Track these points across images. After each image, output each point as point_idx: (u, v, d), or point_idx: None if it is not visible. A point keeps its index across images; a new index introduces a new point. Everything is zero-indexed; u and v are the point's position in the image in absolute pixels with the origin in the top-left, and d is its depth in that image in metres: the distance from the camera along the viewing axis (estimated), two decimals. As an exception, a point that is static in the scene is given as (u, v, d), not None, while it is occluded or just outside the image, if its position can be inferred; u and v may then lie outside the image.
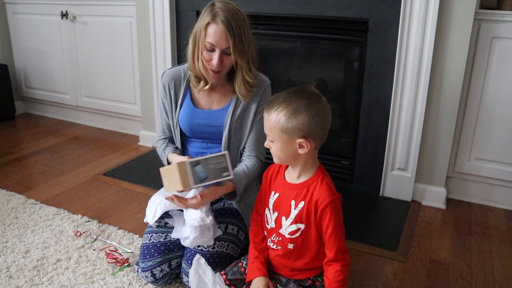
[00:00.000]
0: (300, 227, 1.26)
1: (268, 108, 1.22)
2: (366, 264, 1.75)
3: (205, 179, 1.39)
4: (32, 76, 3.58)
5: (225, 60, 1.50)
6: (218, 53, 1.47)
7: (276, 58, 2.69)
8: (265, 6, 2.34)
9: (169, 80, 1.66)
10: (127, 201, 2.22)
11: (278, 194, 1.32)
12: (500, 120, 2.12)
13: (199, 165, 1.37)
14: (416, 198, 2.29)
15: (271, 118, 1.20)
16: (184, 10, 2.59)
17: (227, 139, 1.62)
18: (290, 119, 1.17)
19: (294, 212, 1.26)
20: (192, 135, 1.67)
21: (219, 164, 1.41)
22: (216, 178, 1.40)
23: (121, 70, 3.10)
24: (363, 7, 2.13)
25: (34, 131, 3.29)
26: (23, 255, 1.72)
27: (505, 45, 2.02)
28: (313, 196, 1.24)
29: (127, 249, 1.78)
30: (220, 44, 1.46)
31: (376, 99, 2.23)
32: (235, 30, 1.46)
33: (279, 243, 1.31)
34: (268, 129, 1.23)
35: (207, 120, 1.63)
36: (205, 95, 1.65)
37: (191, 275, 1.43)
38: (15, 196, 2.21)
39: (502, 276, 1.70)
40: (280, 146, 1.22)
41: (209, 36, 1.46)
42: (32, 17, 3.39)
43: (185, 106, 1.65)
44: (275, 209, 1.32)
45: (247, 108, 1.62)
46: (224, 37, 1.45)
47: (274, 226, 1.32)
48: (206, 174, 1.39)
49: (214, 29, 1.45)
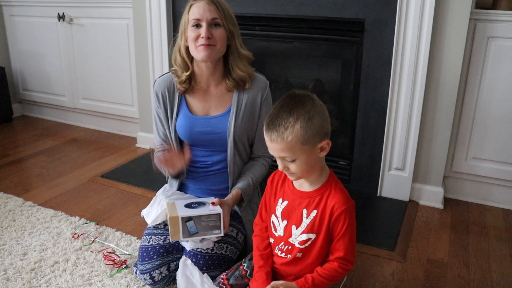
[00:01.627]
0: (311, 237, 1.23)
1: (275, 130, 1.13)
2: (364, 264, 1.75)
3: (195, 234, 1.42)
4: (30, 78, 3.58)
5: (214, 32, 1.48)
6: (205, 25, 1.46)
7: (272, 59, 2.69)
8: (262, 7, 2.34)
9: (162, 89, 1.62)
10: (125, 203, 2.22)
11: (287, 202, 1.27)
12: (496, 119, 2.12)
13: (191, 221, 1.40)
14: (413, 198, 2.29)
15: (287, 138, 1.11)
16: (180, 12, 2.57)
17: (233, 146, 1.59)
18: (308, 127, 1.12)
19: (306, 221, 1.22)
20: (192, 142, 1.62)
21: (211, 222, 1.43)
22: (206, 234, 1.43)
23: (118, 72, 3.10)
24: (359, 8, 2.13)
25: (32, 133, 3.29)
26: (20, 258, 1.72)
27: (501, 44, 2.03)
28: (327, 203, 1.20)
29: (125, 251, 1.78)
30: (205, 16, 1.46)
31: (373, 99, 2.23)
32: (221, 3, 1.48)
33: (288, 252, 1.27)
34: (286, 150, 1.13)
35: (207, 127, 1.59)
36: (201, 100, 1.61)
37: (178, 277, 1.44)
38: (13, 199, 2.20)
39: (499, 275, 1.70)
40: (305, 159, 1.15)
41: (193, 14, 1.48)
42: (29, 19, 3.39)
43: (182, 114, 1.61)
44: (284, 217, 1.27)
45: (249, 106, 1.59)
46: (207, 9, 1.46)
47: (283, 234, 1.28)
48: (197, 230, 1.42)
49: (197, 6, 1.47)
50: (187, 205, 1.47)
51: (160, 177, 2.42)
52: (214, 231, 1.43)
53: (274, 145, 1.14)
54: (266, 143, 1.17)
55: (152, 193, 2.03)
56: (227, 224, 1.48)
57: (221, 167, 1.64)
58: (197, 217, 1.41)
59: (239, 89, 1.59)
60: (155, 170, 1.60)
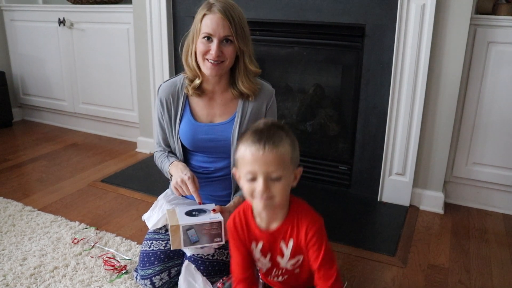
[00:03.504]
0: (299, 258, 1.21)
1: (268, 140, 1.06)
2: (364, 270, 1.75)
3: (196, 242, 1.41)
4: (30, 83, 3.58)
5: (225, 49, 1.44)
6: (216, 41, 1.42)
7: (273, 64, 2.69)
8: (262, 12, 2.35)
9: (166, 95, 1.59)
10: (125, 207, 2.22)
11: (261, 243, 1.22)
12: (497, 125, 2.12)
13: (192, 229, 1.39)
14: (414, 203, 2.29)
15: (280, 150, 1.06)
16: (181, 17, 2.60)
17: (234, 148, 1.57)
18: (294, 147, 1.09)
19: (287, 252, 1.20)
20: (195, 149, 1.62)
21: (212, 230, 1.41)
22: (207, 242, 1.42)
23: (119, 77, 3.10)
24: (360, 13, 2.14)
25: (32, 138, 3.29)
26: (20, 263, 1.71)
27: (501, 49, 2.03)
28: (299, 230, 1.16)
29: (125, 256, 1.77)
30: (218, 32, 1.41)
31: (373, 104, 2.24)
32: (235, 18, 1.42)
33: (284, 273, 1.26)
34: (277, 164, 1.05)
35: (211, 134, 1.57)
36: (205, 107, 1.59)
37: (180, 282, 1.43)
38: (12, 204, 2.20)
39: (501, 280, 1.70)
40: (287, 182, 1.09)
41: (205, 27, 1.42)
42: (29, 24, 3.40)
43: (186, 121, 1.59)
44: (265, 253, 1.23)
45: (254, 115, 1.56)
46: (221, 25, 1.40)
47: (270, 265, 1.25)
48: (197, 238, 1.41)
49: (210, 18, 1.41)
50: (188, 213, 1.46)
51: (160, 182, 2.43)
52: (215, 239, 1.42)
53: (265, 157, 1.05)
54: (247, 159, 1.07)
55: (152, 198, 2.02)
56: None
57: (224, 173, 1.63)
58: (198, 225, 1.39)
59: (243, 98, 1.58)
60: None
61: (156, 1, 2.56)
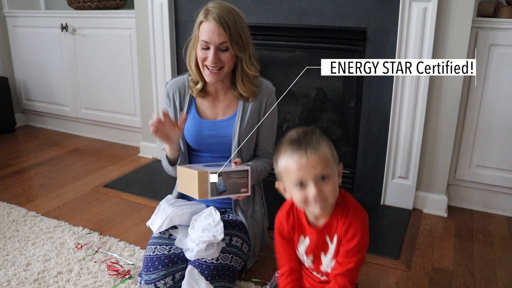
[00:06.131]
0: None
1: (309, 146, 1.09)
2: (368, 274, 1.75)
3: (223, 192, 1.35)
4: (32, 88, 3.59)
5: (222, 56, 1.49)
6: (212, 49, 1.47)
7: (275, 68, 2.70)
8: (264, 17, 2.35)
9: (174, 89, 1.66)
10: (128, 212, 2.22)
11: (308, 239, 1.25)
12: (499, 127, 2.12)
13: (220, 177, 1.33)
14: (417, 206, 2.28)
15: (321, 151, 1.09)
16: (183, 22, 2.61)
17: (237, 149, 1.60)
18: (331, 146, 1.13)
19: (332, 247, 1.22)
20: (199, 147, 1.66)
21: (239, 179, 1.37)
22: (233, 193, 1.38)
23: (121, 82, 3.11)
24: (361, 17, 2.14)
25: (35, 143, 3.30)
26: (24, 268, 1.72)
27: (503, 52, 2.04)
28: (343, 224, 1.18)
29: (129, 261, 1.77)
30: (214, 40, 1.46)
31: (376, 107, 2.24)
32: (230, 25, 1.45)
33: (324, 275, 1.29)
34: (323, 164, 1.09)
35: (214, 131, 1.62)
36: (210, 106, 1.65)
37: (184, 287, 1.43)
38: (16, 209, 2.20)
39: (505, 283, 1.69)
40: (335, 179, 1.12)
41: (202, 34, 1.47)
42: (32, 30, 3.41)
43: (191, 117, 1.64)
44: (309, 253, 1.26)
45: (254, 113, 1.62)
46: (217, 33, 1.45)
47: (313, 266, 1.28)
48: (225, 187, 1.35)
49: (206, 27, 1.46)
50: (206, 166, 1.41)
51: (163, 186, 2.43)
52: (241, 189, 1.37)
53: (309, 162, 1.07)
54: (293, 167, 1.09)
55: (155, 203, 2.02)
56: None
57: None
58: (226, 173, 1.33)
59: (243, 99, 1.63)
60: None
61: (158, 6, 2.58)
